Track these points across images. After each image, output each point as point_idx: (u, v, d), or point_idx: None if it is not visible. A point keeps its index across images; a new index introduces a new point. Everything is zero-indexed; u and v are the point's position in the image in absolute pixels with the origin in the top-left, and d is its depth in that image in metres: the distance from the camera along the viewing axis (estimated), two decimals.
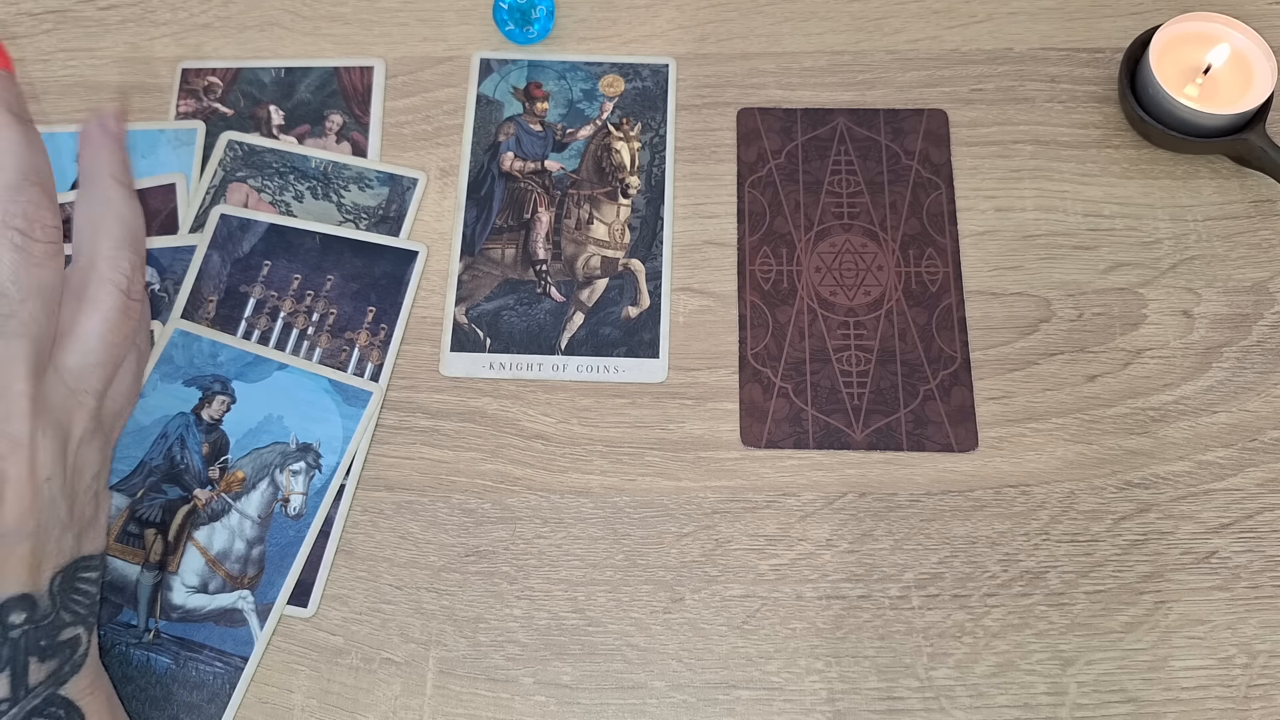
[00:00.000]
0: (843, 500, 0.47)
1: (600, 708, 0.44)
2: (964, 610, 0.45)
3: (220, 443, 0.48)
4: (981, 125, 0.54)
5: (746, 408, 0.49)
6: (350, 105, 0.55)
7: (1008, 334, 0.50)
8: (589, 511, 0.48)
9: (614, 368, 0.50)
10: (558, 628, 0.46)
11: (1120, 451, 0.48)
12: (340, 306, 0.51)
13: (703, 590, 0.46)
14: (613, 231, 0.53)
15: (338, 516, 0.47)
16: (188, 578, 0.46)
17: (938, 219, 0.52)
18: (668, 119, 0.55)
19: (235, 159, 0.54)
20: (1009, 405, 0.49)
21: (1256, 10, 0.56)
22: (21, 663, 0.37)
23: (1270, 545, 0.46)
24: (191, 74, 0.56)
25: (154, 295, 0.51)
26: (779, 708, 0.44)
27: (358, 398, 0.49)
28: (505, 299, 0.51)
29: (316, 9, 0.58)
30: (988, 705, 0.44)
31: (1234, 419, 0.48)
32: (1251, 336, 0.50)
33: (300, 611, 0.46)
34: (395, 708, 0.44)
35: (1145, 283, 0.51)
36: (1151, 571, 0.46)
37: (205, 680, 0.44)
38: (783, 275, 0.51)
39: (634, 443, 0.49)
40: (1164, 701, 0.44)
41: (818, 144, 0.54)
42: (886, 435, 0.48)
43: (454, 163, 0.54)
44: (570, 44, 0.57)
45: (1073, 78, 0.55)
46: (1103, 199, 0.53)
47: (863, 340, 0.50)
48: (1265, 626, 0.45)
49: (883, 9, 0.57)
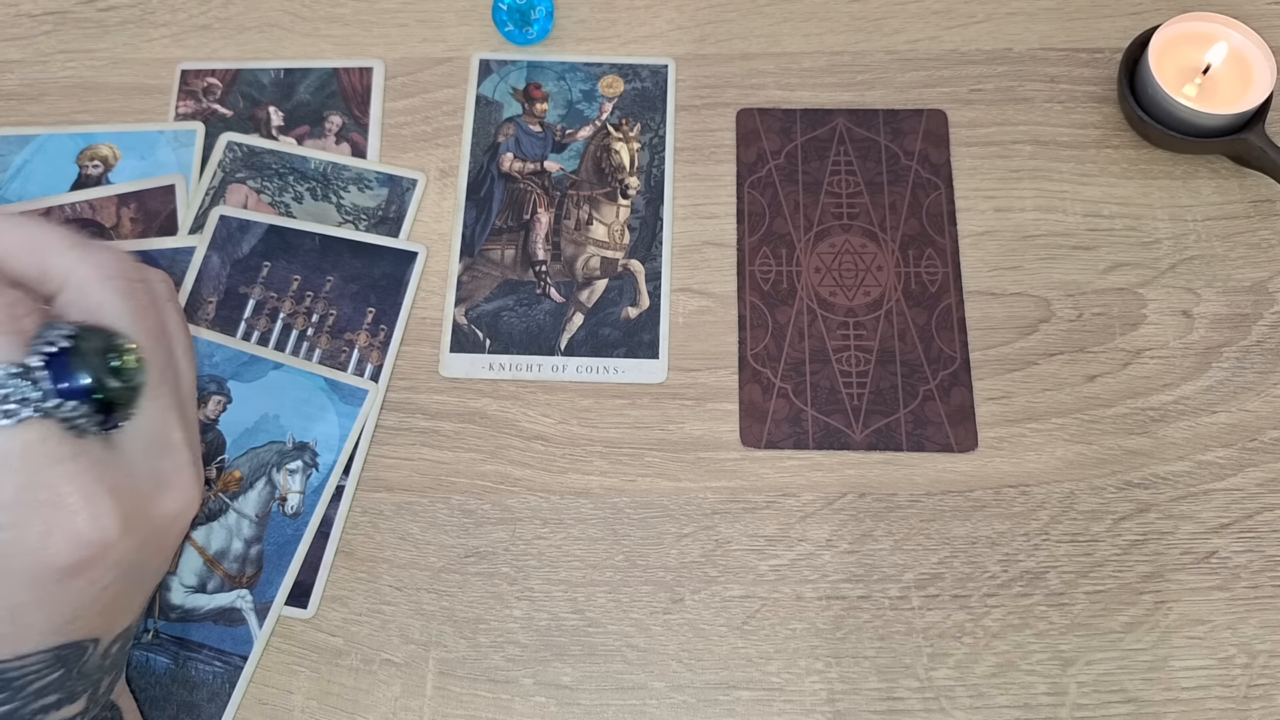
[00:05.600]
0: (842, 501, 0.47)
1: (600, 708, 0.44)
2: (964, 610, 0.45)
3: (217, 442, 0.48)
4: (981, 125, 0.54)
5: (746, 408, 0.49)
6: (350, 106, 0.55)
7: (1007, 334, 0.50)
8: (589, 512, 0.47)
9: (614, 368, 0.50)
10: (558, 628, 0.46)
11: (1120, 451, 0.48)
12: (340, 307, 0.51)
13: (703, 591, 0.46)
14: (612, 232, 0.53)
15: (337, 517, 0.47)
16: (186, 577, 0.46)
17: (937, 219, 0.52)
18: (667, 119, 0.55)
19: (235, 160, 0.54)
20: (1009, 405, 0.49)
21: (1256, 10, 0.56)
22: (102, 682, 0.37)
23: (1270, 545, 0.46)
24: (191, 75, 0.56)
25: None
26: (779, 708, 0.44)
27: (354, 396, 0.49)
28: (505, 300, 0.51)
29: (316, 10, 0.58)
30: (988, 705, 0.44)
31: (1234, 419, 0.48)
32: (1251, 336, 0.50)
33: (300, 612, 0.46)
34: (395, 709, 0.44)
35: (1145, 283, 0.51)
36: (1151, 571, 0.46)
37: (205, 680, 0.44)
38: (782, 276, 0.51)
39: (634, 443, 0.49)
40: (1164, 701, 0.44)
41: (817, 144, 0.54)
42: (886, 435, 0.48)
43: (453, 163, 0.54)
44: (569, 45, 0.57)
45: (1072, 78, 0.55)
46: (1102, 199, 0.53)
47: (862, 340, 0.50)
48: (1265, 626, 0.45)
49: (882, 9, 0.57)
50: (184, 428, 0.36)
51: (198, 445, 0.38)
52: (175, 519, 0.36)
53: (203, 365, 0.49)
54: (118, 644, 0.37)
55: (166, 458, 0.36)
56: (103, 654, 0.36)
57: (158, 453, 0.35)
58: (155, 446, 0.35)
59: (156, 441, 0.35)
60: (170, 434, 0.36)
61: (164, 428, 0.36)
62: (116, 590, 0.35)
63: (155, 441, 0.35)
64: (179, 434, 0.36)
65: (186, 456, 0.36)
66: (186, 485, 0.36)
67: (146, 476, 0.35)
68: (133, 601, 0.37)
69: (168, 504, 0.35)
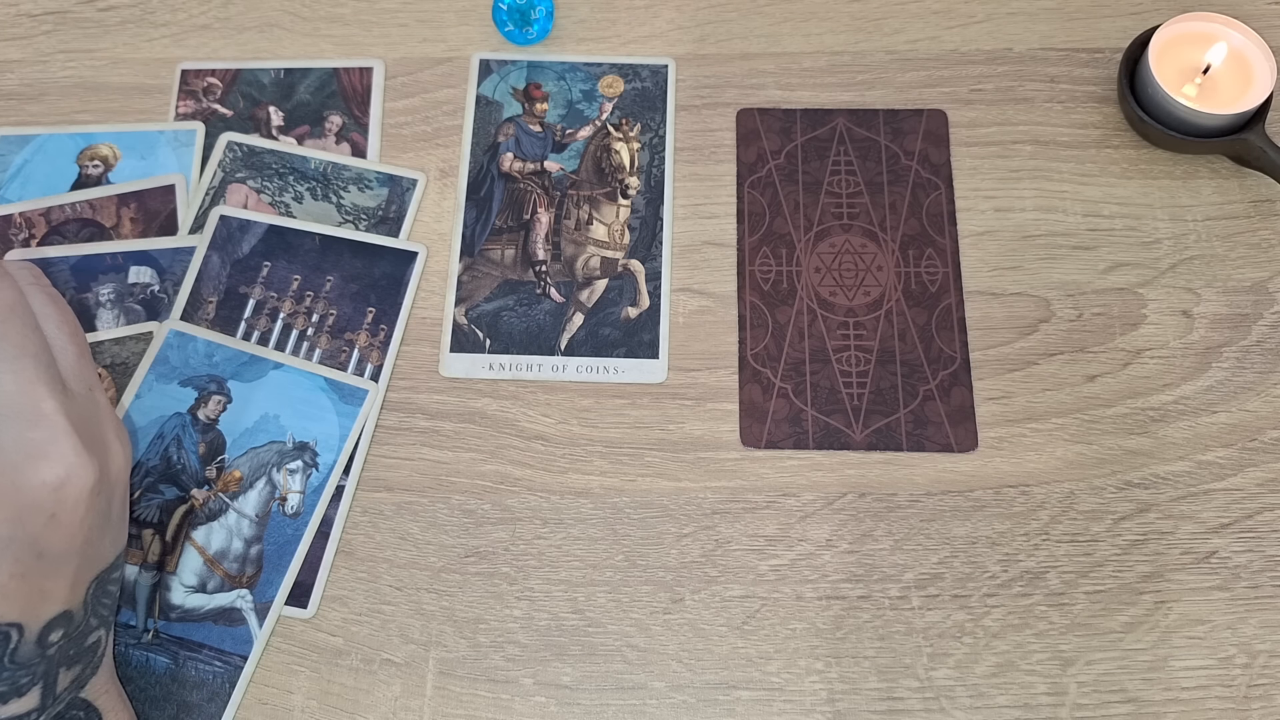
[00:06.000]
0: (843, 500, 0.47)
1: (600, 708, 0.44)
2: (964, 610, 0.45)
3: (217, 442, 0.48)
4: (981, 125, 0.54)
5: (746, 408, 0.49)
6: (350, 106, 0.55)
7: (1007, 334, 0.50)
8: (589, 512, 0.47)
9: (614, 368, 0.50)
10: (558, 628, 0.46)
11: (1120, 451, 0.48)
12: (340, 307, 0.51)
13: (703, 591, 0.46)
14: (612, 232, 0.53)
15: (337, 517, 0.47)
16: (186, 577, 0.46)
17: (937, 219, 0.52)
18: (667, 119, 0.55)
19: (235, 160, 0.54)
20: (1009, 405, 0.49)
21: (1256, 10, 0.56)
22: (53, 675, 0.37)
23: (1270, 545, 0.46)
24: (191, 75, 0.56)
25: (153, 296, 0.51)
26: (779, 708, 0.44)
27: (354, 396, 0.49)
28: (505, 300, 0.51)
29: (316, 10, 0.58)
30: (988, 705, 0.44)
31: (1234, 419, 0.48)
32: (1251, 336, 0.50)
33: (300, 612, 0.46)
34: (395, 709, 0.44)
35: (1145, 283, 0.51)
36: (1151, 571, 0.46)
37: (205, 679, 0.44)
38: (782, 276, 0.51)
39: (634, 443, 0.49)
40: (1164, 701, 0.44)
41: (817, 144, 0.54)
42: (886, 435, 0.48)
43: (453, 163, 0.54)
44: (570, 44, 0.57)
45: (1072, 78, 0.55)
46: (1102, 199, 0.53)
47: (862, 340, 0.50)
48: (1265, 626, 0.45)
49: (882, 9, 0.57)
50: (58, 397, 0.36)
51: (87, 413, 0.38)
52: (58, 489, 0.36)
53: (203, 365, 0.49)
54: (55, 632, 0.37)
55: (37, 427, 0.36)
56: (37, 642, 0.36)
57: (26, 423, 0.35)
58: (21, 417, 0.35)
59: (22, 412, 0.35)
60: (39, 404, 0.36)
61: (29, 399, 0.36)
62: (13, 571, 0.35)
63: (20, 412, 0.35)
64: (50, 404, 0.36)
65: (62, 424, 0.36)
66: (65, 453, 0.36)
67: (13, 447, 0.35)
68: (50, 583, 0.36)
69: (44, 473, 0.35)
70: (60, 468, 0.36)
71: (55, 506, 0.36)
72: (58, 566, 0.37)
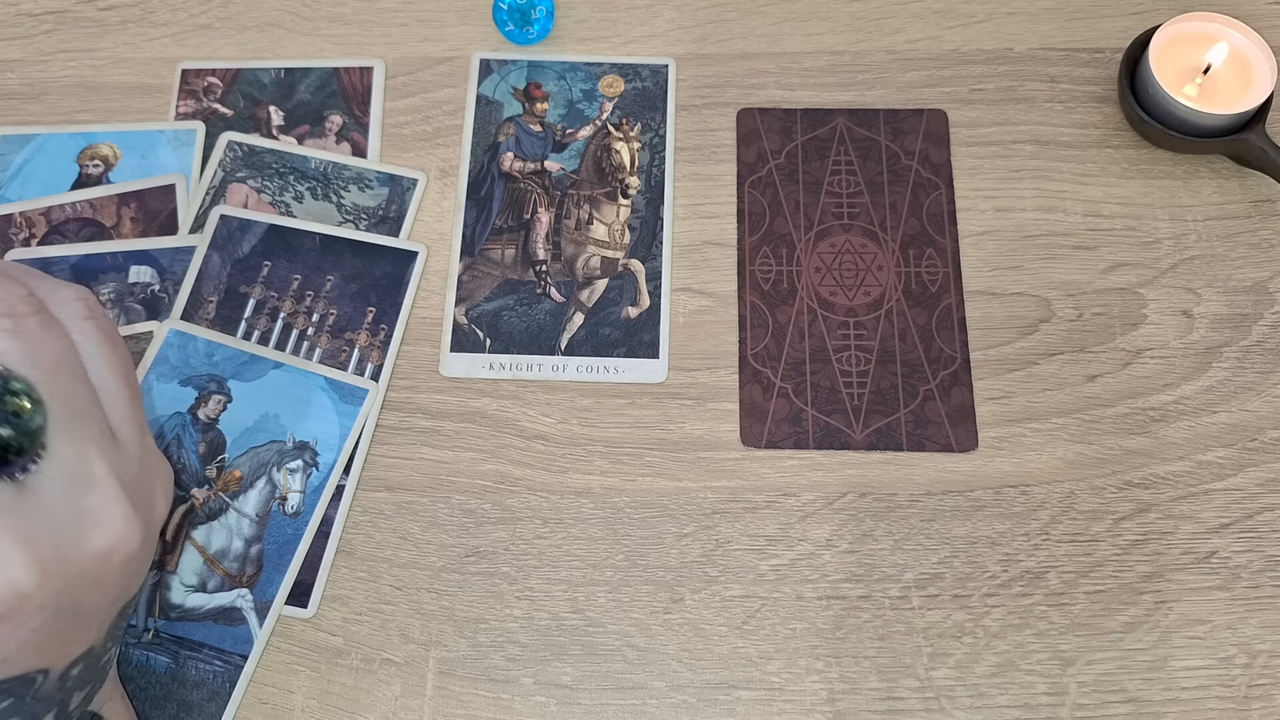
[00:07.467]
0: (843, 500, 0.47)
1: (600, 708, 0.44)
2: (964, 610, 0.45)
3: (217, 442, 0.48)
4: (981, 125, 0.54)
5: (746, 408, 0.49)
6: (350, 106, 0.55)
7: (1008, 334, 0.50)
8: (589, 512, 0.47)
9: (614, 368, 0.50)
10: (558, 628, 0.46)
11: (1120, 451, 0.48)
12: (340, 307, 0.51)
13: (703, 590, 0.46)
14: (612, 232, 0.53)
15: (338, 517, 0.47)
16: (186, 577, 0.46)
17: (937, 219, 0.52)
18: (667, 119, 0.55)
19: (235, 159, 0.54)
20: (1009, 405, 0.49)
21: (1256, 10, 0.56)
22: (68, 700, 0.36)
23: (1270, 545, 0.46)
24: (191, 74, 0.56)
25: (154, 296, 0.51)
26: (779, 708, 0.44)
27: (354, 395, 0.49)
28: (505, 299, 0.51)
29: (316, 9, 0.58)
30: (988, 705, 0.44)
31: (1234, 419, 0.48)
32: (1251, 336, 0.50)
33: (300, 612, 0.46)
34: (395, 708, 0.44)
35: (1145, 283, 0.51)
36: (1151, 571, 0.46)
37: (205, 679, 0.44)
38: (783, 275, 0.51)
39: (634, 443, 0.49)
40: (1164, 701, 0.44)
41: (817, 144, 0.54)
42: (886, 435, 0.48)
43: (454, 163, 0.54)
44: (570, 44, 0.57)
45: (1072, 78, 0.55)
46: (1102, 199, 0.53)
47: (863, 340, 0.50)
48: (1265, 626, 0.45)
49: (883, 9, 0.57)
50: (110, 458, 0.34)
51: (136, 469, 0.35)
52: (106, 557, 0.34)
53: (203, 365, 0.49)
54: (77, 667, 0.36)
55: (90, 494, 0.33)
56: (60, 678, 0.35)
57: (79, 490, 0.33)
58: (75, 484, 0.33)
59: (76, 479, 0.33)
60: (91, 468, 0.33)
61: (83, 463, 0.33)
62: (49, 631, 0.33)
63: (74, 479, 0.33)
64: (102, 466, 0.34)
65: (114, 489, 0.34)
66: (115, 520, 0.34)
67: (67, 518, 0.32)
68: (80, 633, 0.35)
69: (95, 543, 0.33)
70: (111, 536, 0.34)
71: (100, 572, 0.34)
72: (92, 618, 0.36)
